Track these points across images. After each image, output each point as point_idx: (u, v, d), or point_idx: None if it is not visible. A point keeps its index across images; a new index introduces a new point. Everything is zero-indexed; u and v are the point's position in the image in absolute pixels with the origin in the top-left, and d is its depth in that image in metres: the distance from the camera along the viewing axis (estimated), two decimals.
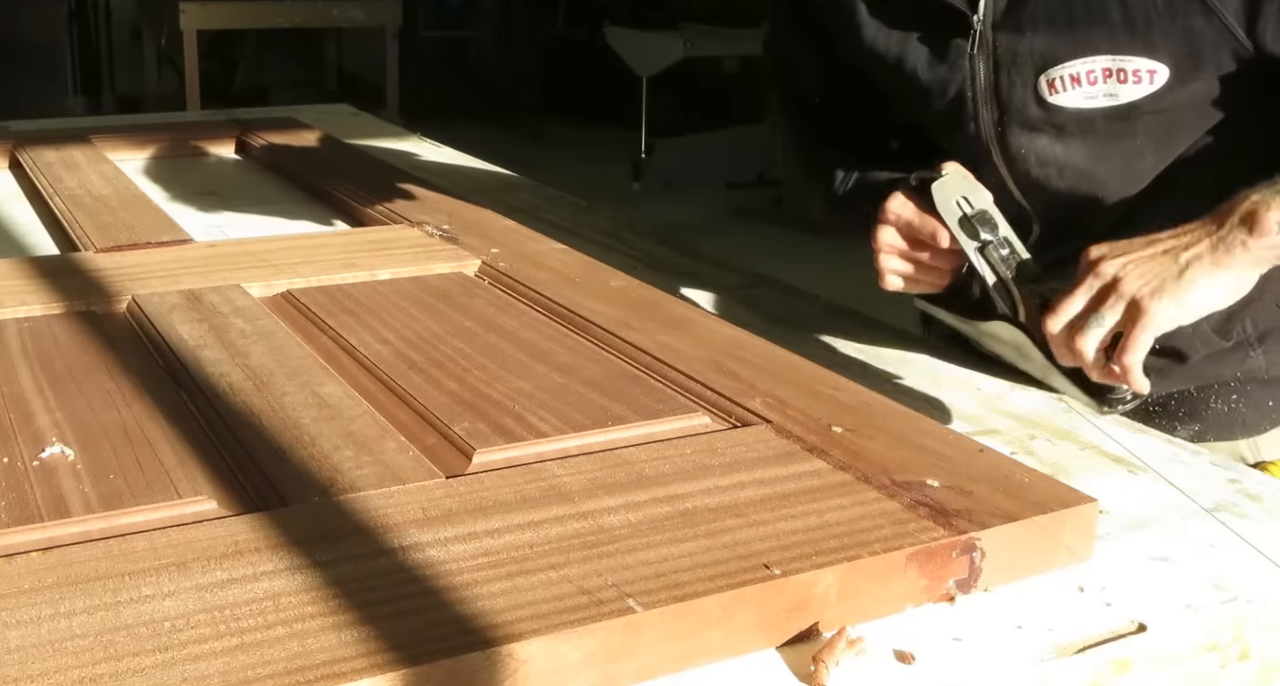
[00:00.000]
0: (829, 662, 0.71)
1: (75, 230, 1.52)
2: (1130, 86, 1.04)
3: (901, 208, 1.08)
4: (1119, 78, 1.04)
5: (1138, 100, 1.04)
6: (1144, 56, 1.03)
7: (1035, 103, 1.08)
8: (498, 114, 7.14)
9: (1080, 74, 1.05)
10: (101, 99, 6.47)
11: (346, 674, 0.64)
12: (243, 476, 0.88)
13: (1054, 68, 1.06)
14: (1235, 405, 1.19)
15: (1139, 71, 1.03)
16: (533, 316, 1.22)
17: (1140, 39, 1.02)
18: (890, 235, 1.09)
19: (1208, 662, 0.80)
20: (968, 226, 1.03)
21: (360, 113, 2.63)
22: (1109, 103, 1.05)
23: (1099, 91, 1.05)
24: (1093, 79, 1.05)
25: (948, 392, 1.15)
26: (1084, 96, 1.06)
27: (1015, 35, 1.07)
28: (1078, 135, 1.08)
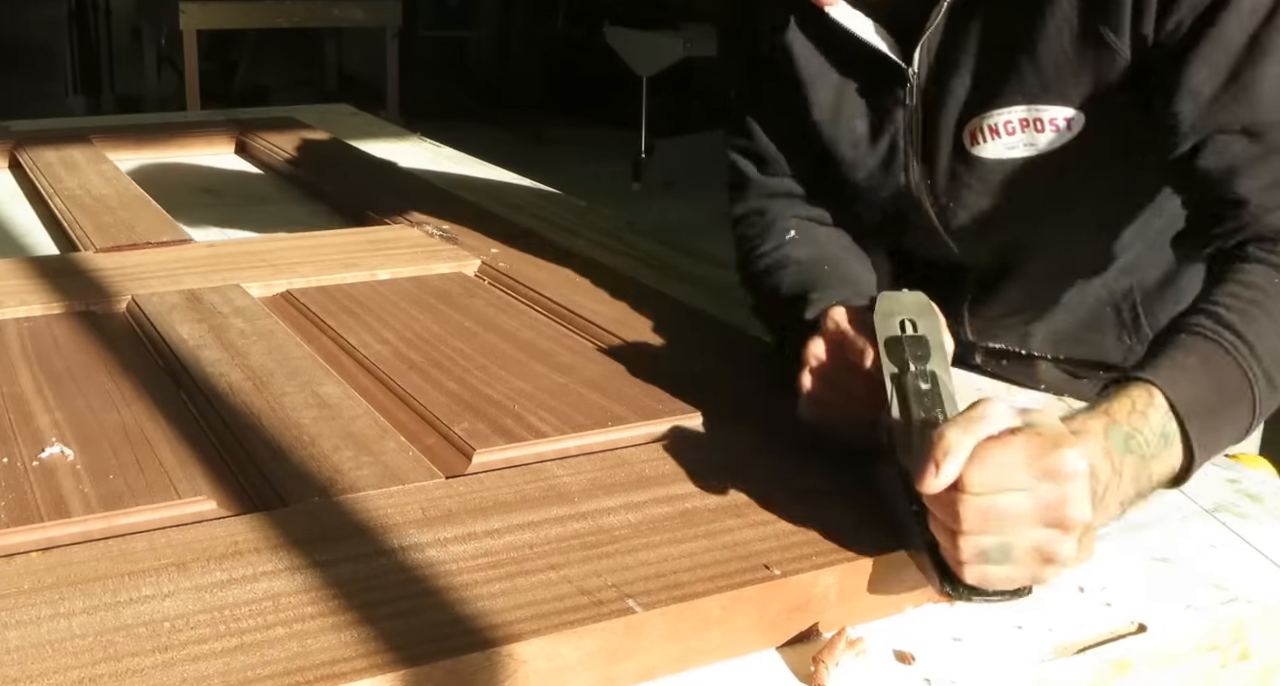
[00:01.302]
0: (829, 662, 0.71)
1: (75, 230, 1.52)
2: (1048, 135, 1.03)
3: (840, 318, 0.91)
4: (1036, 127, 1.03)
5: (1056, 148, 1.04)
6: (1058, 104, 1.02)
7: (957, 154, 1.08)
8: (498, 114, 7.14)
9: (999, 124, 1.05)
10: (101, 99, 6.47)
11: (346, 674, 0.64)
12: (242, 476, 0.88)
13: (974, 119, 1.06)
14: None
15: (1055, 119, 1.03)
16: (533, 316, 1.22)
17: (1053, 88, 1.02)
18: (818, 346, 0.91)
19: (1208, 662, 0.80)
20: (895, 350, 0.83)
21: (360, 113, 2.63)
22: (1028, 152, 1.05)
23: (1018, 141, 1.05)
24: (1010, 129, 1.05)
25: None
26: (1004, 147, 1.06)
27: (942, 87, 1.07)
28: (1001, 185, 1.08)
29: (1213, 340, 0.86)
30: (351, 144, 2.14)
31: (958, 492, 0.71)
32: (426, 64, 7.27)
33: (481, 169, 2.08)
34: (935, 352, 0.83)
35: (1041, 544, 0.72)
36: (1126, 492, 0.79)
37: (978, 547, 0.72)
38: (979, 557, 0.72)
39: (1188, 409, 0.81)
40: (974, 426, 0.72)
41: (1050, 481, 0.71)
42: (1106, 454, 0.77)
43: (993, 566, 0.72)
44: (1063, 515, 0.71)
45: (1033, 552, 0.72)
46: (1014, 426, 0.73)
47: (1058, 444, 0.72)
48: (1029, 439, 0.72)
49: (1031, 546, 0.72)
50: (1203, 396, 0.83)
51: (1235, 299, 0.88)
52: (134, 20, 6.42)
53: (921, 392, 0.81)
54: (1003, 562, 0.72)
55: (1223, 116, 0.95)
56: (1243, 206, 0.94)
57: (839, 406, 0.90)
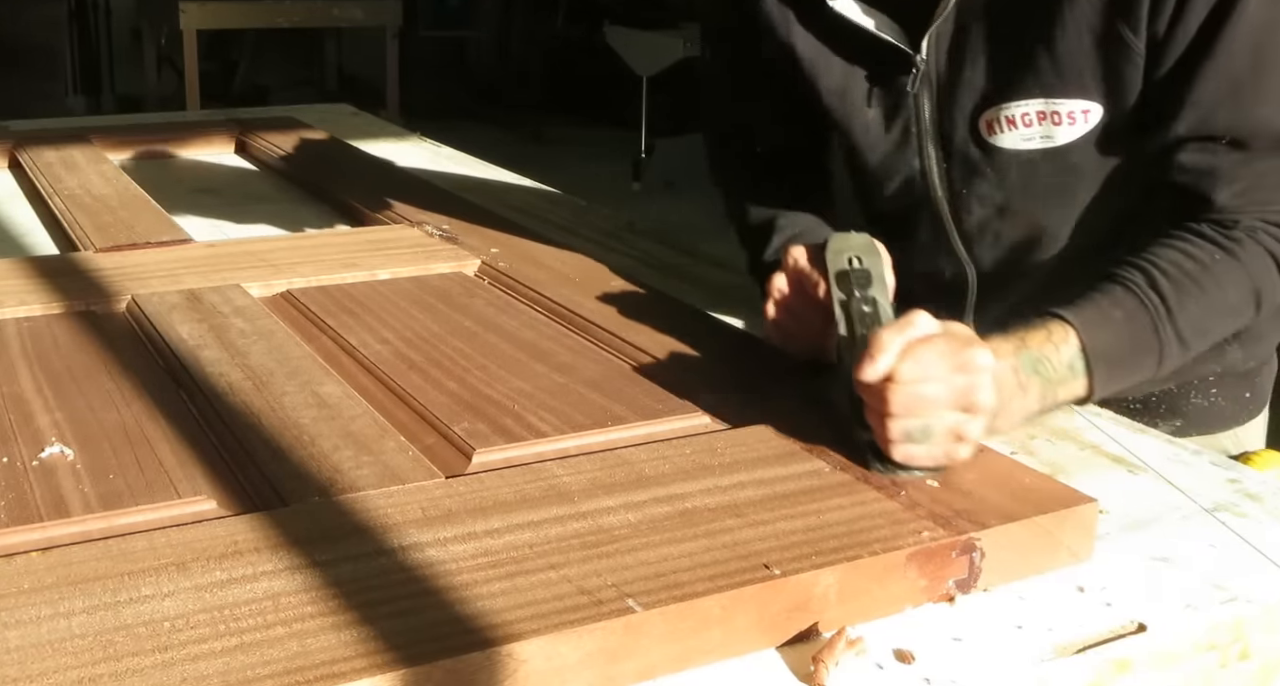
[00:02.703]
0: (829, 662, 0.71)
1: (75, 230, 1.52)
2: (1065, 128, 1.05)
3: (799, 255, 1.03)
4: (1053, 120, 1.05)
5: (1074, 141, 1.05)
6: (1076, 98, 1.04)
7: (975, 143, 1.09)
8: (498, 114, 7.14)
9: (1015, 116, 1.06)
10: (101, 99, 6.47)
11: (346, 674, 0.64)
12: (242, 476, 0.88)
13: (991, 109, 1.07)
14: (1215, 399, 1.20)
15: (1073, 113, 1.04)
16: (533, 316, 1.22)
17: (1072, 82, 1.03)
18: (780, 281, 1.05)
19: (1208, 662, 0.80)
20: (844, 281, 0.97)
21: (360, 113, 2.63)
22: (1045, 144, 1.06)
23: (1035, 133, 1.06)
24: (1028, 121, 1.06)
25: None
26: (1021, 138, 1.07)
27: (955, 76, 1.09)
28: (1017, 176, 1.09)
29: (1139, 299, 0.97)
30: (351, 144, 2.14)
31: (888, 382, 0.84)
32: (426, 64, 7.27)
33: (481, 169, 2.08)
34: (876, 283, 0.97)
35: (954, 425, 0.85)
36: (1030, 407, 0.93)
37: (904, 429, 0.85)
38: (904, 437, 0.85)
39: (1097, 354, 0.94)
40: (904, 329, 0.86)
41: (962, 373, 0.85)
42: (1014, 370, 0.91)
43: (915, 445, 0.86)
44: (972, 400, 0.85)
45: (948, 432, 0.85)
46: (935, 332, 0.87)
47: (969, 343, 0.86)
48: (948, 339, 0.86)
49: (947, 427, 0.85)
50: (1114, 346, 0.95)
51: (1176, 266, 0.98)
52: (134, 20, 6.42)
53: (864, 315, 0.95)
54: (923, 441, 0.85)
55: (1215, 124, 0.99)
56: (1210, 206, 1.00)
57: (798, 331, 1.05)
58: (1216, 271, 0.99)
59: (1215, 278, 0.99)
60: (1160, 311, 0.97)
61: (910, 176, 1.14)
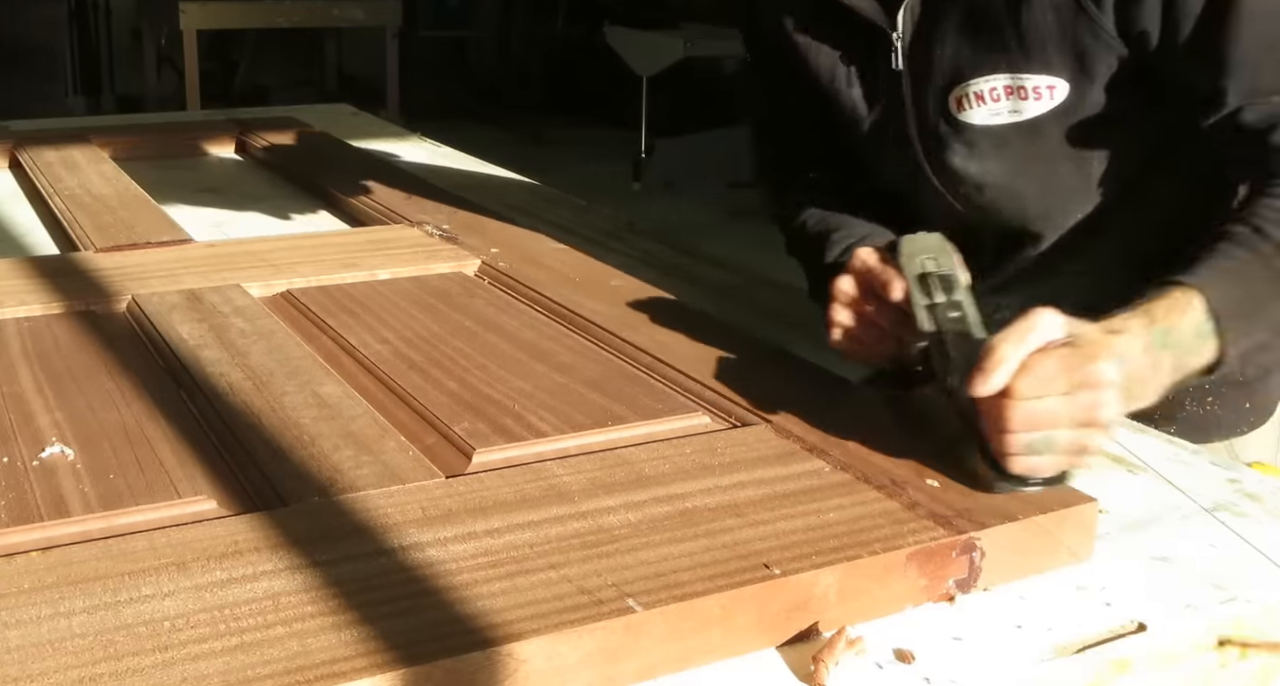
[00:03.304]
0: (829, 662, 0.71)
1: (75, 230, 1.52)
2: (1032, 103, 1.06)
3: (867, 256, 1.00)
4: (1020, 95, 1.06)
5: (1041, 115, 1.06)
6: (1041, 74, 1.05)
7: (945, 120, 1.11)
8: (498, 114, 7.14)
9: (984, 91, 1.08)
10: (101, 99, 6.47)
11: (346, 673, 0.64)
12: (243, 476, 0.88)
13: (960, 86, 1.09)
14: (1211, 407, 1.20)
15: (1038, 88, 1.05)
16: (533, 316, 1.22)
17: (1036, 58, 1.04)
18: (847, 284, 1.00)
19: (1207, 662, 0.80)
20: (923, 283, 0.95)
21: (360, 113, 2.63)
22: (1014, 119, 1.07)
23: (1003, 108, 1.07)
24: (995, 96, 1.07)
25: None
26: (990, 113, 1.08)
27: (927, 52, 1.10)
28: (991, 151, 1.10)
29: (1250, 248, 0.95)
30: (352, 144, 2.14)
31: (1005, 399, 0.82)
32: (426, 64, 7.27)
33: (481, 169, 2.08)
34: (959, 287, 0.95)
35: (1078, 439, 0.83)
36: (1163, 382, 0.91)
37: (1023, 443, 0.83)
38: (1025, 449, 0.83)
39: (1222, 309, 0.92)
40: (1024, 338, 0.83)
41: (1085, 390, 0.82)
42: (1146, 349, 0.88)
43: (1036, 457, 0.83)
44: (1094, 417, 0.83)
45: (1071, 446, 0.84)
46: (1058, 339, 0.84)
47: (1093, 357, 0.83)
48: (1069, 352, 0.83)
49: (1069, 442, 0.83)
50: (1238, 298, 0.93)
51: (1271, 210, 0.97)
52: (134, 20, 6.42)
53: (953, 320, 0.93)
54: (1045, 452, 0.83)
55: (1264, 81, 0.99)
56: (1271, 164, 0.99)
57: (868, 337, 1.00)
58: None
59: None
60: (1273, 253, 0.95)
61: (898, 153, 1.16)
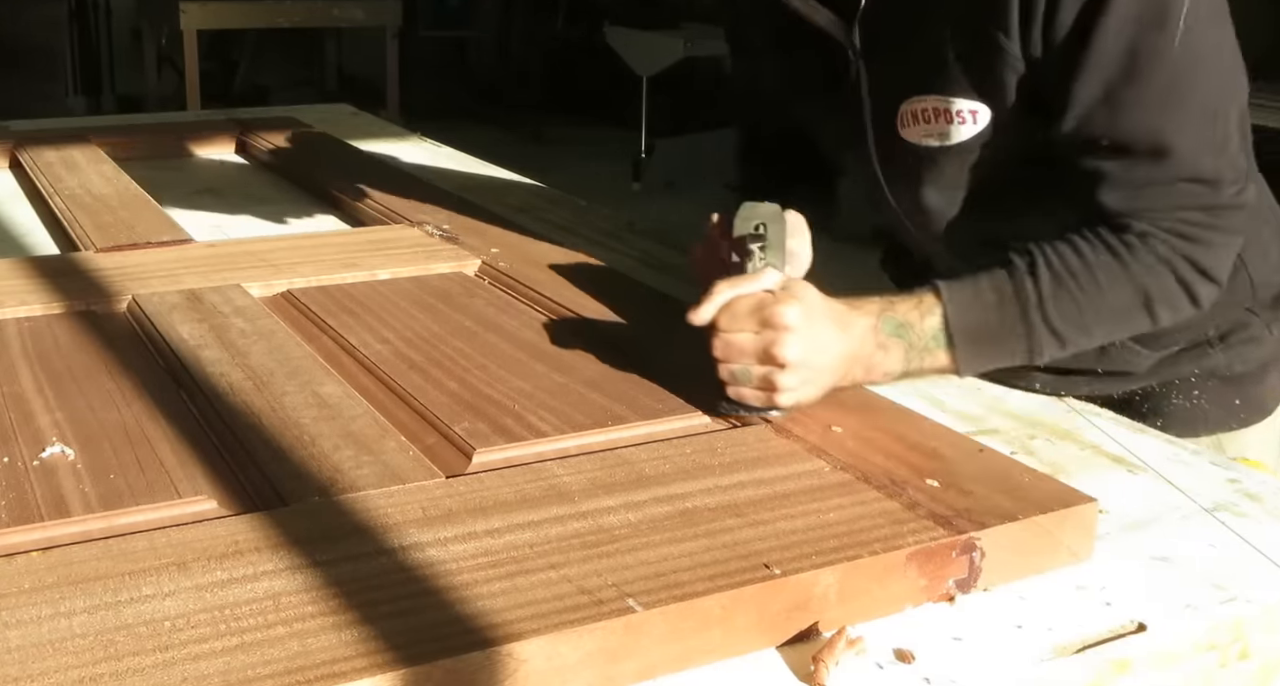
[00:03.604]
0: (829, 662, 0.71)
1: (75, 230, 1.52)
2: (958, 126, 1.07)
3: (716, 223, 1.14)
4: (946, 118, 1.07)
5: (967, 141, 1.07)
6: (964, 98, 1.05)
7: (890, 135, 1.11)
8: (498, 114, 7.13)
9: (918, 110, 1.08)
10: (101, 99, 6.47)
11: (346, 673, 0.64)
12: (243, 476, 0.88)
13: (905, 102, 1.09)
14: (1198, 401, 1.20)
15: (962, 112, 1.06)
16: (533, 316, 1.22)
17: (957, 82, 1.05)
18: (698, 246, 1.18)
19: (1208, 662, 0.80)
20: (741, 245, 1.06)
21: (360, 113, 2.63)
22: (942, 141, 1.08)
23: (934, 130, 1.08)
24: (927, 117, 1.08)
25: (948, 392, 1.15)
26: (922, 133, 1.09)
27: (879, 67, 1.11)
28: (925, 171, 1.11)
29: (1015, 285, 1.01)
30: (351, 144, 2.14)
31: (710, 329, 0.95)
32: (426, 64, 7.27)
33: (481, 169, 2.08)
34: (772, 247, 1.06)
35: (764, 374, 0.94)
36: (892, 367, 0.99)
37: (727, 371, 0.96)
38: (730, 379, 0.96)
39: (960, 330, 1.00)
40: (739, 284, 0.97)
41: (767, 327, 0.94)
42: (873, 329, 0.98)
43: (740, 387, 0.96)
44: (773, 353, 0.93)
45: (762, 380, 0.95)
46: (770, 287, 0.96)
47: (779, 301, 0.94)
48: (765, 295, 0.95)
49: (759, 375, 0.95)
50: (979, 326, 1.00)
51: (1061, 260, 1.01)
52: (134, 20, 6.42)
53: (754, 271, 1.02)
54: (746, 383, 0.95)
55: (1094, 127, 1.01)
56: (1101, 209, 1.02)
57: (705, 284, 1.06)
58: (1099, 272, 1.01)
59: (1096, 278, 1.01)
60: (1033, 300, 1.00)
61: (856, 165, 1.17)
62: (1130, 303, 1.02)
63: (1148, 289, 1.02)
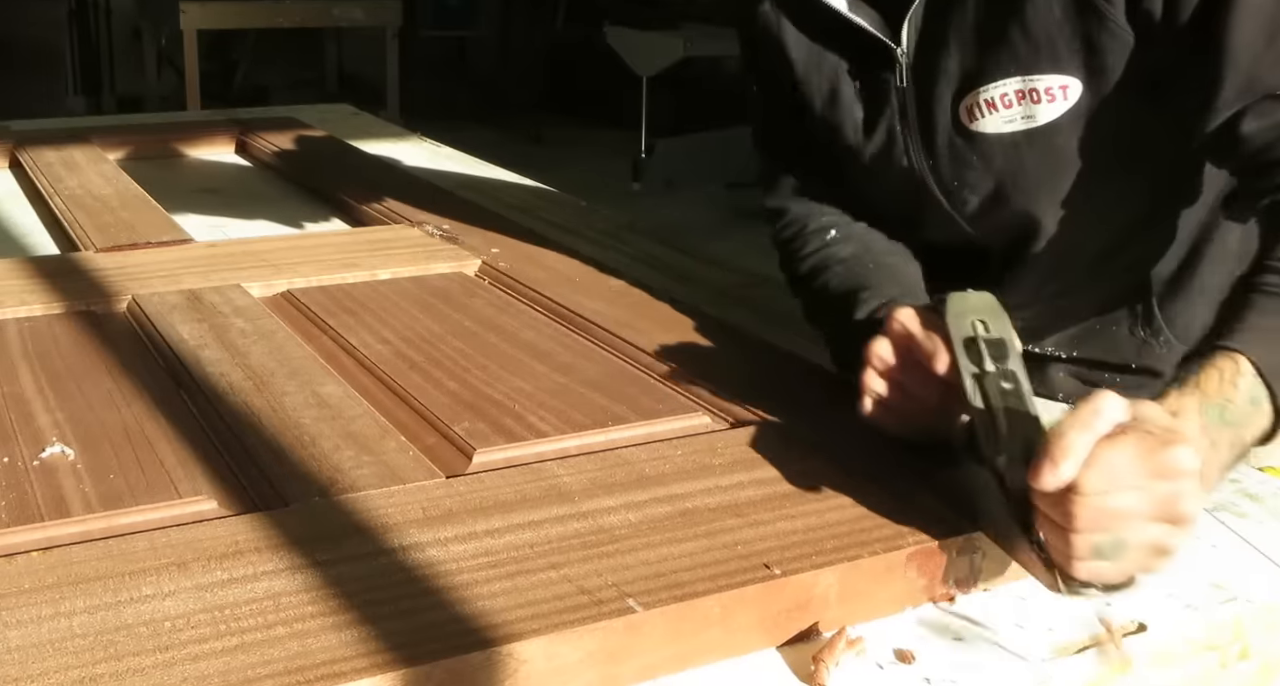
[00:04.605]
0: (829, 662, 0.71)
1: (75, 230, 1.52)
2: (1045, 105, 1.02)
3: (909, 319, 0.90)
4: (1032, 98, 1.02)
5: (1056, 119, 1.03)
6: (1052, 73, 1.01)
7: (957, 132, 1.07)
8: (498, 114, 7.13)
9: (994, 98, 1.04)
10: (101, 99, 6.46)
11: (346, 673, 0.64)
12: (243, 476, 0.88)
13: (969, 95, 1.05)
14: None
15: (1050, 89, 1.02)
16: (533, 316, 1.22)
17: (1046, 57, 1.01)
18: (884, 348, 0.90)
19: (1208, 662, 0.80)
20: (972, 349, 0.84)
21: (360, 113, 2.63)
22: (1027, 124, 1.04)
23: (1016, 114, 1.04)
24: (1007, 102, 1.03)
25: None
26: (1002, 120, 1.04)
27: (933, 65, 1.07)
28: (1003, 162, 1.07)
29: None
30: (351, 144, 2.14)
31: (1072, 494, 0.72)
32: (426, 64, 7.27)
33: (481, 169, 2.08)
34: (1012, 353, 0.84)
35: (1156, 538, 0.74)
36: (1224, 461, 0.82)
37: (1091, 545, 0.73)
38: (1093, 554, 0.74)
39: (1273, 371, 0.84)
40: (1090, 424, 0.74)
41: (1163, 480, 0.73)
42: (1204, 430, 0.80)
43: (1105, 562, 0.74)
44: (1176, 511, 0.73)
45: (1147, 547, 0.74)
46: (1124, 423, 0.75)
47: (1168, 442, 0.74)
48: (1140, 438, 0.73)
49: (1145, 541, 0.74)
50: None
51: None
52: (134, 20, 6.42)
53: (1005, 392, 0.81)
54: (1116, 557, 0.74)
55: (1267, 80, 0.94)
56: None
57: (905, 408, 0.90)
58: None
59: None
60: None
61: (902, 173, 1.13)
62: None
63: None
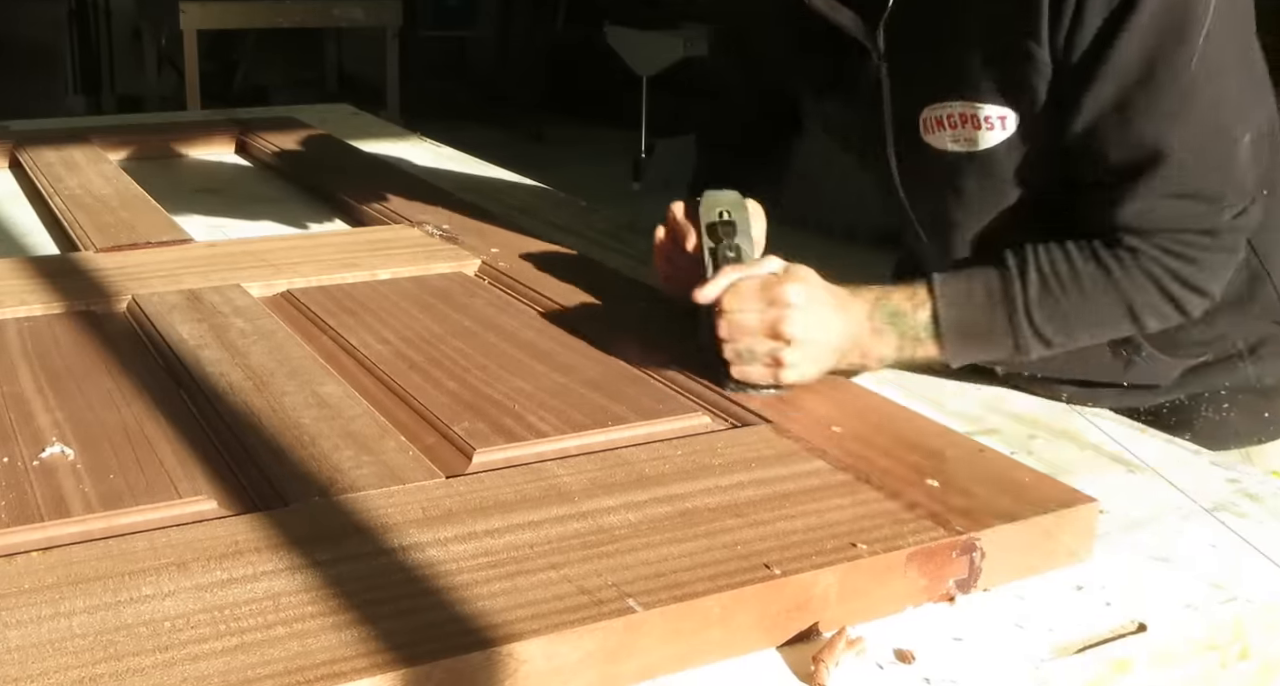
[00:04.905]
0: (829, 662, 0.71)
1: (75, 230, 1.52)
2: (985, 133, 1.06)
3: (678, 209, 1.17)
4: (974, 123, 1.06)
5: (994, 147, 1.06)
6: (992, 103, 1.05)
7: (914, 141, 1.10)
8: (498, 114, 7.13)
9: (943, 116, 1.08)
10: (101, 99, 6.47)
11: (346, 673, 0.64)
12: (243, 476, 0.88)
13: (929, 108, 1.08)
14: (1227, 414, 1.19)
15: (990, 118, 1.05)
16: (533, 316, 1.22)
17: (986, 87, 1.04)
18: (660, 232, 1.19)
19: (1208, 662, 0.80)
20: (712, 232, 1.10)
21: (360, 113, 2.63)
22: (968, 147, 1.07)
23: (960, 135, 1.07)
24: (953, 122, 1.07)
25: (948, 392, 1.15)
26: (949, 139, 1.08)
27: (904, 72, 1.10)
28: (949, 178, 1.10)
29: (1005, 286, 1.03)
30: (351, 144, 2.14)
31: (716, 310, 1.00)
32: (426, 64, 7.27)
33: (482, 169, 2.08)
34: (741, 234, 1.10)
35: (770, 351, 0.99)
36: (886, 352, 1.04)
37: (733, 350, 1.00)
38: (735, 358, 1.00)
39: (949, 325, 1.04)
40: (744, 267, 1.02)
41: (772, 306, 0.98)
42: (869, 315, 1.03)
43: (746, 365, 1.00)
44: (779, 329, 0.98)
45: (766, 356, 0.99)
46: (774, 271, 1.01)
47: (782, 281, 0.99)
48: (768, 277, 1.00)
49: (765, 351, 0.99)
50: (967, 323, 1.04)
51: (1051, 265, 1.03)
52: (134, 20, 6.42)
53: (729, 260, 1.07)
54: (751, 362, 1.00)
55: (1104, 135, 1.01)
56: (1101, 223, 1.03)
57: (676, 276, 1.17)
58: (1085, 281, 1.03)
59: (1082, 286, 1.03)
60: (1019, 303, 1.03)
61: (878, 175, 1.16)
62: (1114, 312, 1.04)
63: (1132, 301, 1.03)
